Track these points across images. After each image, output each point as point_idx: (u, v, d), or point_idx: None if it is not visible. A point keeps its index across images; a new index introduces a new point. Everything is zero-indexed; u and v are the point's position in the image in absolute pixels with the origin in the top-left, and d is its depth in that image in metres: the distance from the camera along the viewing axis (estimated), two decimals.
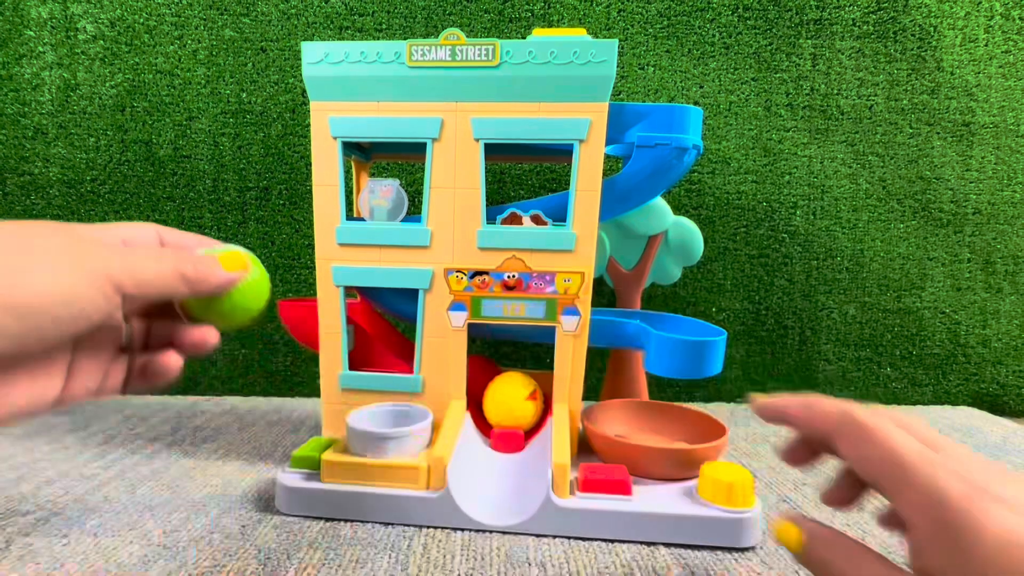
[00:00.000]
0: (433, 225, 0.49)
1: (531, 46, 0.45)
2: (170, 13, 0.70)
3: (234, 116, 0.71)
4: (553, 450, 0.43)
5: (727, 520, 0.39)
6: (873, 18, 0.72)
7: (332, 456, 0.43)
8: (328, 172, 0.48)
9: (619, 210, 0.52)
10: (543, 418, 0.52)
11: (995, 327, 0.76)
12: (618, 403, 0.55)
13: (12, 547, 0.38)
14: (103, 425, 0.62)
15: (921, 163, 0.74)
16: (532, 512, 0.41)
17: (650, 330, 0.49)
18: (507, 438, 0.49)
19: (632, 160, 0.49)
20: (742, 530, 0.40)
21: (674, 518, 0.40)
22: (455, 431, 0.46)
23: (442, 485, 0.42)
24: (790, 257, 0.75)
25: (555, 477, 0.41)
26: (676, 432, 0.52)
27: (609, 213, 0.51)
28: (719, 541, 0.40)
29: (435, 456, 0.42)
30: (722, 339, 0.49)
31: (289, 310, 0.55)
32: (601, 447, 0.48)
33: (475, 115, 0.47)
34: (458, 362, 0.50)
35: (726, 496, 0.40)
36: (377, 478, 0.42)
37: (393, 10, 0.70)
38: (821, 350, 0.76)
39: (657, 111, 0.48)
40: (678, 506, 0.41)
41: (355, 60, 0.46)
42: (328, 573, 0.36)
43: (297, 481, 0.43)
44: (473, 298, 0.49)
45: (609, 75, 0.45)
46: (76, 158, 0.71)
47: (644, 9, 0.71)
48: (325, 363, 0.51)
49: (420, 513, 0.42)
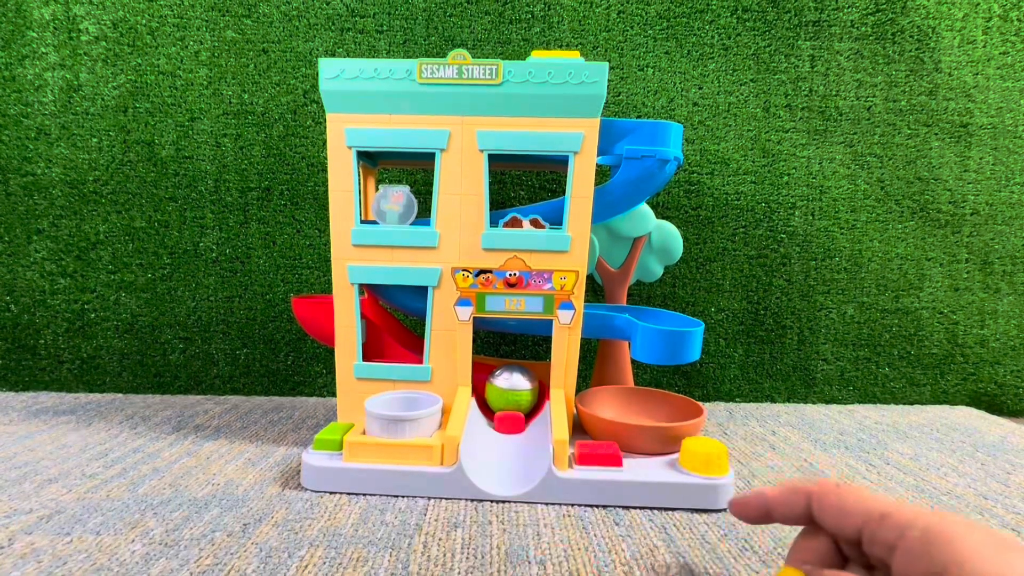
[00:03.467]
0: (441, 228, 0.53)
1: (531, 67, 0.50)
2: (172, 14, 0.70)
3: (236, 117, 0.72)
4: (553, 428, 0.48)
5: (705, 486, 0.45)
6: (871, 19, 0.72)
7: (354, 438, 0.48)
8: (344, 179, 0.52)
9: (608, 215, 0.57)
10: (540, 403, 0.56)
11: (993, 327, 0.77)
12: (607, 389, 0.61)
13: (15, 545, 0.38)
14: (105, 424, 0.62)
15: (919, 164, 0.74)
16: (535, 483, 0.45)
17: (636, 322, 0.54)
18: (509, 421, 0.54)
19: (621, 170, 0.54)
20: (718, 494, 0.45)
21: (659, 485, 0.45)
22: (463, 414, 0.50)
23: (454, 461, 0.47)
24: (789, 257, 0.75)
25: (555, 451, 0.46)
26: (659, 413, 0.59)
27: (599, 217, 0.56)
28: (699, 504, 0.45)
29: (448, 436, 0.47)
30: (699, 329, 0.53)
31: (303, 307, 0.57)
32: (594, 427, 0.53)
33: (480, 128, 0.51)
34: (464, 352, 0.54)
35: (704, 465, 0.46)
36: (396, 457, 0.47)
37: (394, 12, 0.71)
38: (819, 350, 0.76)
39: (643, 127, 0.53)
40: (663, 475, 0.46)
41: (369, 76, 0.50)
42: (329, 571, 0.36)
43: (322, 460, 0.47)
44: (478, 294, 0.53)
45: (600, 94, 0.50)
46: (78, 158, 0.72)
47: (643, 11, 0.71)
48: (341, 355, 0.54)
49: (435, 486, 0.46)
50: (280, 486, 0.48)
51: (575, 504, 0.46)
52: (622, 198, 0.55)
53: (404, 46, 0.71)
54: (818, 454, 0.58)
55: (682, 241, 0.68)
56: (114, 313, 0.73)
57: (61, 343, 0.74)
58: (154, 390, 0.74)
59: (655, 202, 0.74)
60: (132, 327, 0.74)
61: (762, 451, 0.58)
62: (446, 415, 0.52)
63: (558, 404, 0.52)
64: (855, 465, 0.55)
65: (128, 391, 0.74)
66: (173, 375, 0.74)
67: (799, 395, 0.77)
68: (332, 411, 0.68)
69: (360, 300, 0.54)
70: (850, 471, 0.54)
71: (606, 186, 0.55)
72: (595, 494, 0.46)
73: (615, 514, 0.44)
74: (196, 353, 0.74)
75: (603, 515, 0.44)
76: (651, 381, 0.76)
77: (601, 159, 0.56)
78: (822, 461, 0.56)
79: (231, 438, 0.59)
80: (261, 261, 0.73)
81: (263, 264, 0.73)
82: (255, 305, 0.74)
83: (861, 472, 0.53)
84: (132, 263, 0.73)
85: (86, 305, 0.73)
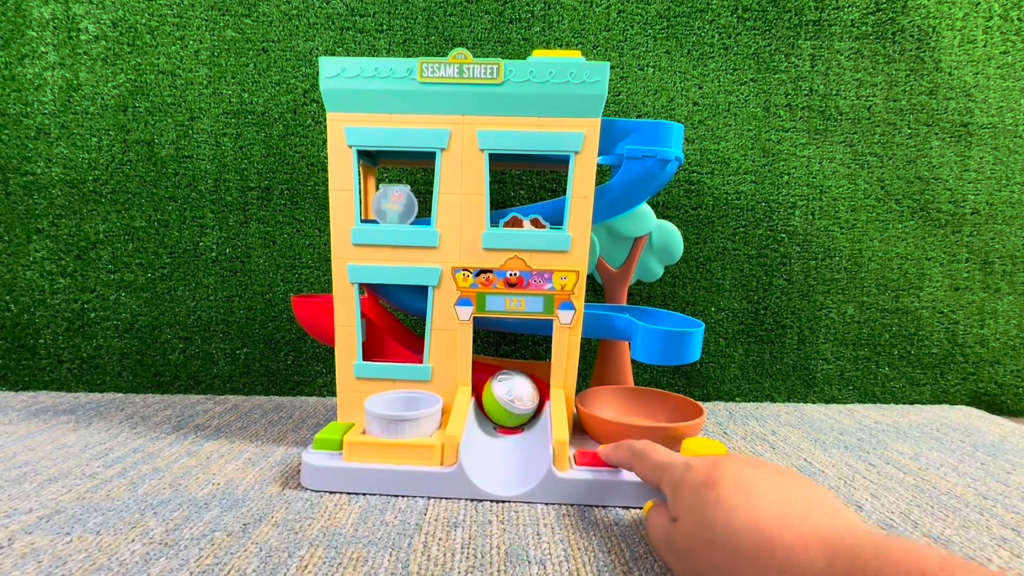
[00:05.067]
0: (441, 227, 0.52)
1: (531, 66, 0.49)
2: (172, 14, 0.70)
3: (236, 116, 0.72)
4: (553, 429, 0.48)
5: None
6: (872, 19, 0.72)
7: (354, 437, 0.48)
8: (344, 178, 0.52)
9: (609, 214, 0.57)
10: (540, 405, 0.56)
11: (993, 327, 0.77)
12: (608, 389, 0.62)
13: (15, 544, 0.38)
14: (105, 424, 0.62)
15: (919, 163, 0.74)
16: (535, 483, 0.46)
17: (636, 322, 0.54)
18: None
19: (621, 170, 0.54)
20: None
21: None
22: (464, 414, 0.50)
23: (454, 461, 0.47)
24: (789, 257, 0.75)
25: (556, 452, 0.46)
26: (659, 414, 0.59)
27: (600, 217, 0.56)
28: None
29: (448, 435, 0.47)
30: (699, 329, 0.53)
31: (303, 306, 0.57)
32: (594, 427, 0.53)
33: (481, 128, 0.51)
34: (465, 352, 0.54)
35: None
36: (396, 456, 0.47)
37: (394, 11, 0.71)
38: (819, 350, 0.76)
39: (643, 126, 0.53)
40: None
41: (370, 75, 0.50)
42: (329, 571, 0.36)
43: (322, 460, 0.47)
44: (478, 294, 0.53)
45: (601, 94, 0.49)
46: (78, 158, 0.72)
47: (644, 10, 0.71)
48: (341, 354, 0.54)
49: (434, 486, 0.46)
50: (280, 486, 0.48)
51: (575, 504, 0.46)
52: (623, 198, 0.55)
53: (404, 45, 0.71)
54: (818, 454, 0.58)
55: (682, 241, 0.68)
56: (114, 313, 0.73)
57: (61, 343, 0.74)
58: (154, 390, 0.74)
59: (655, 202, 0.74)
60: (132, 327, 0.74)
61: (762, 451, 0.58)
62: (446, 415, 0.52)
63: (558, 404, 0.52)
64: (855, 465, 0.55)
65: (128, 391, 0.74)
66: (173, 375, 0.74)
67: (799, 395, 0.77)
68: (332, 411, 0.68)
69: (360, 299, 0.54)
70: (850, 471, 0.54)
71: (607, 186, 0.55)
72: (595, 494, 0.46)
73: (615, 514, 0.44)
74: (196, 353, 0.74)
75: (603, 515, 0.44)
76: (651, 381, 0.76)
77: (602, 159, 0.56)
78: (822, 461, 0.56)
79: (231, 438, 0.59)
80: (261, 261, 0.73)
81: (263, 264, 0.73)
82: (255, 305, 0.74)
83: (861, 472, 0.53)
84: (132, 263, 0.73)
85: (86, 305, 0.73)
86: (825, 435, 0.64)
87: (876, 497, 0.48)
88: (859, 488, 0.50)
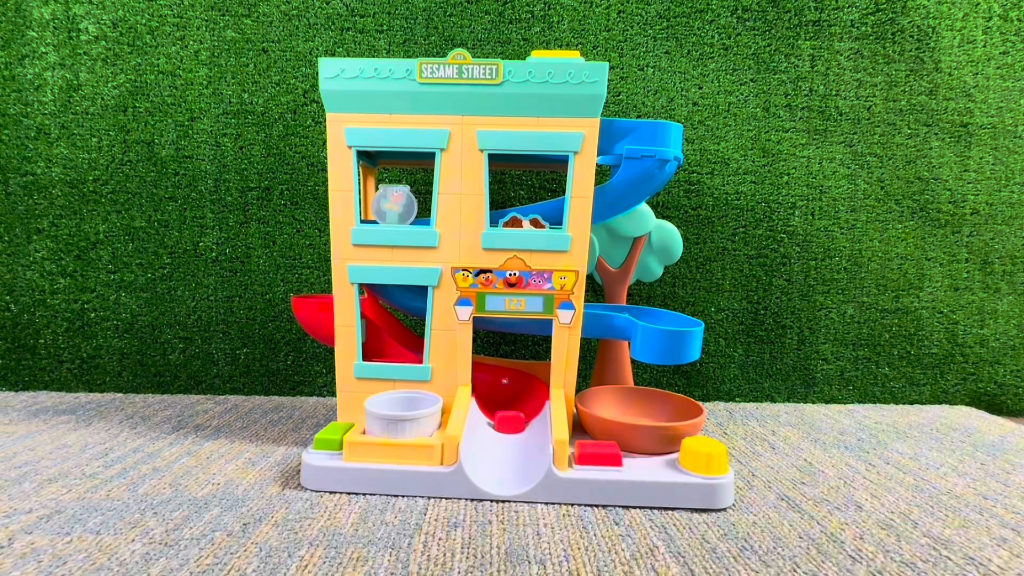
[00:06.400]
0: (441, 227, 0.53)
1: (530, 67, 0.50)
2: (172, 14, 0.70)
3: (236, 117, 0.72)
4: (553, 428, 0.48)
5: (705, 485, 0.45)
6: (871, 19, 0.72)
7: (354, 438, 0.48)
8: (343, 178, 0.52)
9: (609, 214, 0.57)
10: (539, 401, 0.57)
11: (993, 327, 0.77)
12: (607, 389, 0.62)
13: (15, 544, 0.38)
14: (105, 424, 0.62)
15: (919, 164, 0.74)
16: (535, 483, 0.46)
17: (636, 322, 0.54)
18: (509, 421, 0.54)
19: (621, 170, 0.54)
20: (718, 494, 0.45)
21: (660, 485, 0.46)
22: (463, 414, 0.51)
23: (454, 461, 0.47)
24: (789, 257, 0.75)
25: (555, 452, 0.46)
26: (659, 413, 0.59)
27: (600, 217, 0.57)
28: (698, 504, 0.45)
29: (448, 435, 0.48)
30: (699, 329, 0.53)
31: (303, 307, 0.57)
32: (594, 427, 0.54)
33: (480, 128, 0.51)
34: (464, 352, 0.54)
35: (704, 465, 0.46)
36: (396, 456, 0.47)
37: (394, 11, 0.71)
38: (819, 349, 0.76)
39: (643, 127, 0.54)
40: (663, 475, 0.47)
41: (369, 76, 0.51)
42: (329, 571, 0.36)
43: (322, 460, 0.48)
44: (478, 294, 0.53)
45: (601, 94, 0.50)
46: (78, 158, 0.72)
47: (644, 10, 0.71)
48: (340, 354, 0.55)
49: (434, 486, 0.47)
50: (280, 486, 0.48)
51: (575, 504, 0.46)
52: (622, 198, 0.55)
53: (404, 46, 0.71)
54: (818, 454, 0.58)
55: (682, 241, 0.69)
56: (114, 313, 0.73)
57: (61, 343, 0.74)
58: (154, 390, 0.74)
59: (655, 202, 0.74)
60: (132, 327, 0.74)
61: (762, 451, 0.58)
62: (446, 415, 0.52)
63: (558, 404, 0.52)
64: (855, 465, 0.55)
65: (128, 391, 0.74)
66: (173, 375, 0.74)
67: (799, 395, 0.77)
68: (332, 411, 0.68)
69: (360, 300, 0.54)
70: (850, 471, 0.54)
71: (606, 186, 0.55)
72: (595, 494, 0.46)
73: (615, 514, 0.44)
74: (196, 353, 0.74)
75: (603, 515, 0.44)
76: (651, 381, 0.76)
77: (601, 159, 0.56)
78: (822, 461, 0.56)
79: (231, 438, 0.59)
80: (261, 261, 0.73)
81: (263, 264, 0.73)
82: (255, 305, 0.74)
83: (861, 472, 0.53)
84: (132, 263, 0.73)
85: (86, 305, 0.73)
86: (825, 435, 0.64)
87: (876, 497, 0.48)
88: (859, 488, 0.50)
